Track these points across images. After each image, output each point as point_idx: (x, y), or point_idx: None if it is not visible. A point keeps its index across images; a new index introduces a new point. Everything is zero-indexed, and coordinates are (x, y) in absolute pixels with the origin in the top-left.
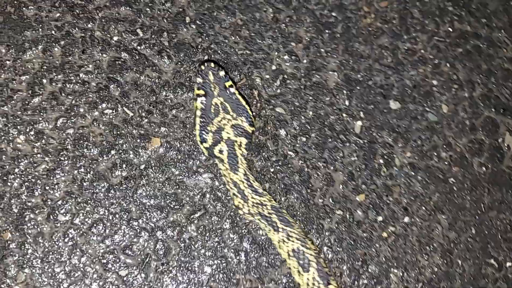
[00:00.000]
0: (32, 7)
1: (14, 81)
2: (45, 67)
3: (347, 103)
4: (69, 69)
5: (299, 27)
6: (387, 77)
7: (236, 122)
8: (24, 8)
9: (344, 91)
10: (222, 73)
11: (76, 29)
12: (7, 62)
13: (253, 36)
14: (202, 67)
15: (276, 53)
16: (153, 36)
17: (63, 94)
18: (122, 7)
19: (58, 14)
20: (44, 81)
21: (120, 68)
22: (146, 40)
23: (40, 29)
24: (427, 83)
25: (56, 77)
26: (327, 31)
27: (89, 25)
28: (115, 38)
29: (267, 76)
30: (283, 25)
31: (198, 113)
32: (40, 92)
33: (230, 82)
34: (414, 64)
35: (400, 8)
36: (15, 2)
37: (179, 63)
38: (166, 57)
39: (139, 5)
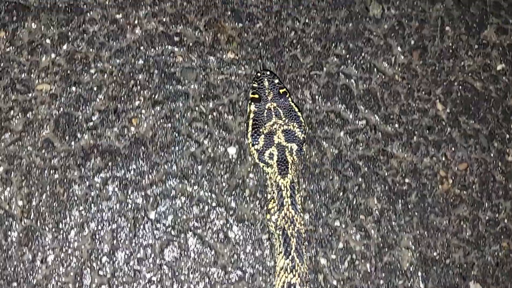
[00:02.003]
0: (82, 185)
1: (60, 274)
2: (94, 254)
3: (422, 287)
4: (119, 256)
5: (368, 197)
6: (467, 253)
7: (288, 128)
8: (74, 186)
9: (419, 273)
10: (276, 80)
11: (129, 207)
12: (55, 250)
13: (318, 209)
14: (259, 74)
15: (343, 228)
16: (210, 214)
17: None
18: (177, 180)
19: (110, 193)
20: (92, 272)
21: (173, 257)
22: (202, 218)
23: (89, 210)
24: (511, 259)
25: (104, 267)
26: (400, 200)
27: (143, 204)
28: (169, 218)
29: (333, 256)
30: (351, 195)
31: (251, 115)
32: (88, 284)
33: (284, 89)
34: (497, 237)
35: (481, 170)
36: (65, 180)
37: (238, 243)
38: (223, 237)
39: (197, 178)
